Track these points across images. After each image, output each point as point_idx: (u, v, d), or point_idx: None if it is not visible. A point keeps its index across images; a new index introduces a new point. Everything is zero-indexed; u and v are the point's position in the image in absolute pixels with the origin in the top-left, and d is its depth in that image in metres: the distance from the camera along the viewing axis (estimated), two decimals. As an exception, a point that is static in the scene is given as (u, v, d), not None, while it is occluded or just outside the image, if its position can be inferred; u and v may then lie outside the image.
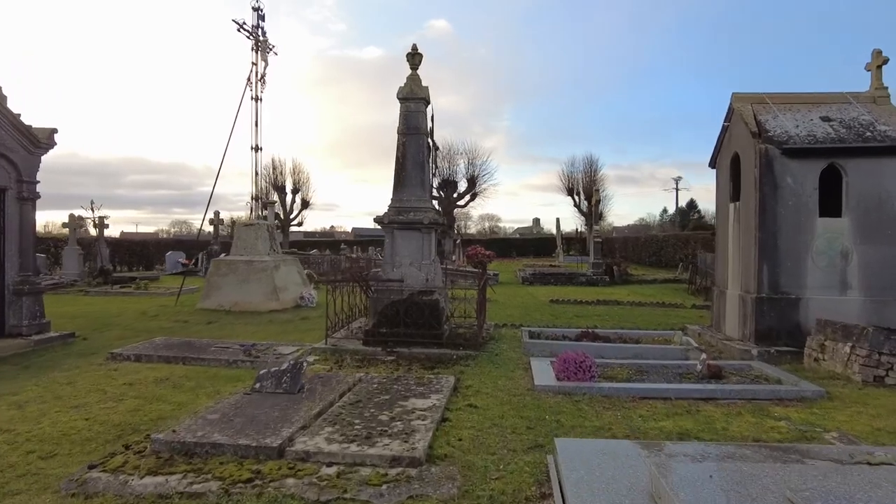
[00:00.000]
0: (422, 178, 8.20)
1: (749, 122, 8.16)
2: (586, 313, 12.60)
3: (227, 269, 13.06)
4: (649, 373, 6.45)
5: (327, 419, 4.51)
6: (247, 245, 13.45)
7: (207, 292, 13.11)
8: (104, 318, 11.65)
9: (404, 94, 8.23)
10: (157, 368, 7.16)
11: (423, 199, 8.21)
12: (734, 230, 8.77)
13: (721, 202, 9.48)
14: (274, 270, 12.95)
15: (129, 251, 30.99)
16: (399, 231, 8.10)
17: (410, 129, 8.21)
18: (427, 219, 7.97)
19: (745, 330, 8.14)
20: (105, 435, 4.53)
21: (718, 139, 9.39)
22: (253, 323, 11.29)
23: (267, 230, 13.75)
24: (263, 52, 14.14)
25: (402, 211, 8.11)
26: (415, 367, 6.82)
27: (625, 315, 12.38)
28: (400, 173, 8.23)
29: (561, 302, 14.54)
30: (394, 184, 8.26)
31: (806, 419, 4.81)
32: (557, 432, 4.44)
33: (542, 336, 8.19)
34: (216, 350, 8.10)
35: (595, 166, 46.46)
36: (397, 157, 8.25)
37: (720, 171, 9.50)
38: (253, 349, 8.13)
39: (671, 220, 69.52)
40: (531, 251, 49.04)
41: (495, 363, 7.00)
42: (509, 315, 12.14)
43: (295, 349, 8.15)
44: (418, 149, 8.19)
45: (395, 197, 8.24)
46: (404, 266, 8.02)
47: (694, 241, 24.86)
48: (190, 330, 10.44)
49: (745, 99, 8.66)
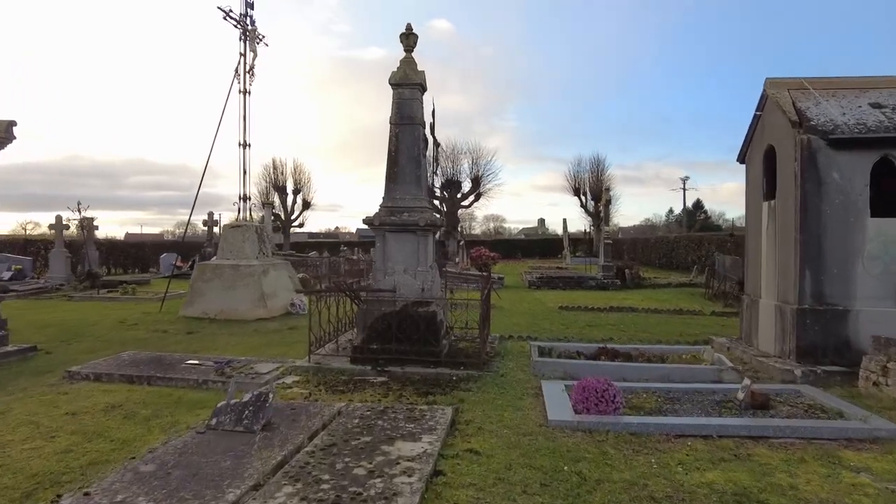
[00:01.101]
0: (417, 173, 7.27)
1: (787, 110, 7.20)
2: (599, 321, 11.65)
3: (212, 274, 12.18)
4: (681, 400, 5.50)
5: (289, 473, 3.58)
6: (233, 248, 12.56)
7: (191, 299, 12.23)
8: (78, 328, 10.78)
9: (397, 80, 7.30)
10: (114, 391, 6.26)
11: (419, 198, 7.28)
12: (769, 232, 7.80)
13: (752, 201, 8.51)
14: (262, 276, 12.05)
15: (124, 253, 30.19)
16: (391, 234, 7.18)
17: (404, 118, 7.28)
18: (423, 220, 7.05)
19: (783, 345, 7.18)
20: (11, 492, 3.62)
21: (749, 131, 8.43)
22: (237, 333, 10.39)
23: (256, 232, 12.86)
24: (252, 42, 13.26)
25: (395, 211, 7.18)
26: (407, 392, 5.89)
27: (641, 324, 11.41)
28: (392, 169, 7.30)
29: (571, 308, 13.58)
30: (385, 181, 7.33)
31: (893, 471, 3.84)
32: (579, 491, 3.50)
33: (554, 353, 7.24)
34: (186, 368, 7.20)
35: (602, 166, 45.54)
36: (389, 151, 7.33)
37: (751, 167, 8.53)
38: (228, 367, 7.22)
39: (678, 221, 68.42)
40: (536, 252, 48.06)
41: (501, 387, 6.06)
42: (515, 324, 11.20)
43: (275, 367, 7.24)
44: (413, 141, 7.27)
45: (386, 195, 7.32)
46: (397, 273, 7.10)
47: (708, 243, 23.85)
48: (167, 341, 9.56)
49: (780, 85, 7.69)
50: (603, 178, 45.26)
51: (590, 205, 45.89)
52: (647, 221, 75.53)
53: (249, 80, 13.17)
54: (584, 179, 46.10)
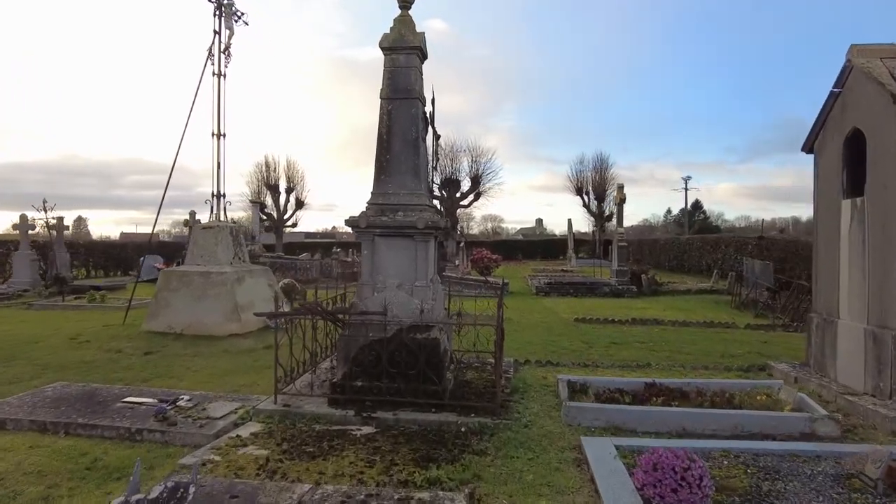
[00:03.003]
0: (415, 162, 5.71)
1: (886, 82, 5.66)
2: (624, 338, 10.10)
3: (180, 282, 10.59)
4: (780, 472, 3.96)
5: None
6: (205, 252, 10.98)
7: (155, 310, 10.64)
8: (16, 346, 9.19)
9: (390, 43, 5.73)
10: (11, 448, 4.71)
11: (418, 193, 5.72)
12: (852, 236, 6.26)
13: (824, 198, 6.97)
14: (235, 284, 10.47)
15: (105, 255, 28.54)
16: (382, 239, 5.62)
17: (399, 90, 5.72)
18: (422, 221, 5.49)
19: (878, 381, 5.64)
20: None
21: (821, 114, 6.89)
22: (203, 354, 8.82)
23: (231, 234, 11.27)
24: (228, 19, 11.67)
25: (387, 210, 5.62)
26: (401, 457, 4.33)
27: (672, 341, 9.87)
28: (383, 156, 5.73)
29: (588, 321, 12.03)
30: (375, 172, 5.77)
31: None
32: None
33: (589, 390, 5.68)
34: (121, 410, 5.64)
35: (606, 164, 44.11)
36: (380, 134, 5.76)
37: (823, 157, 6.99)
38: (174, 407, 5.67)
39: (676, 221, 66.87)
40: (538, 253, 46.48)
41: (528, 448, 4.50)
42: (528, 342, 9.64)
43: (234, 407, 5.68)
44: (410, 120, 5.70)
45: (376, 190, 5.75)
46: (389, 289, 5.53)
47: (725, 245, 22.33)
48: (117, 365, 8.00)
49: (872, 52, 6.15)
50: (607, 176, 43.81)
51: (593, 204, 44.42)
52: (646, 222, 74.12)
53: (225, 61, 11.59)
54: (586, 178, 44.67)
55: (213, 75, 11.42)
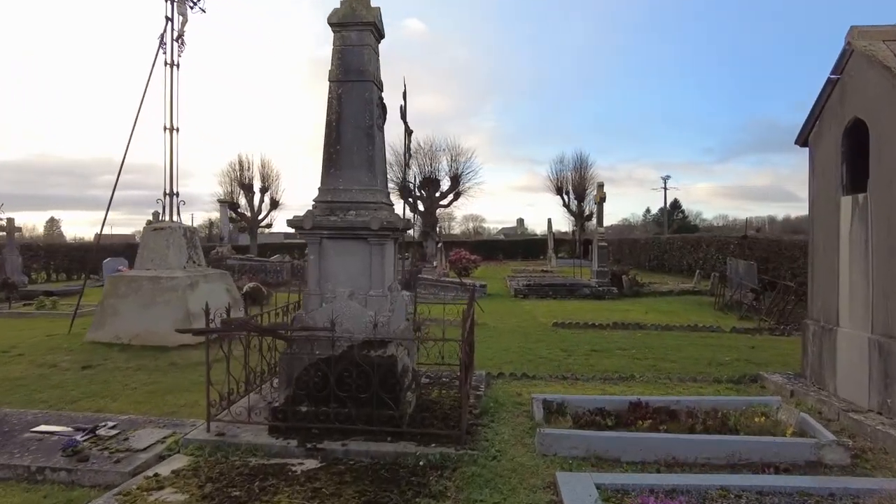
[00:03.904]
0: (369, 153, 5.00)
1: (894, 66, 5.11)
2: (605, 344, 9.52)
3: (128, 288, 9.75)
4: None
5: None
6: (155, 255, 10.14)
7: (101, 319, 9.79)
8: (-63, 362, 8.29)
9: (340, 18, 5.01)
10: None
11: (372, 189, 5.02)
12: (853, 236, 5.71)
13: (821, 195, 6.42)
14: (188, 290, 9.65)
15: (67, 257, 27.32)
16: (331, 242, 4.91)
17: (350, 71, 5.01)
18: (377, 221, 4.79)
19: (887, 398, 5.08)
20: None
21: (817, 104, 6.34)
22: (147, 368, 8.04)
23: (184, 235, 10.45)
24: (181, 5, 10.84)
25: (336, 208, 4.91)
26: (343, 502, 3.63)
27: (656, 346, 9.31)
28: (333, 147, 5.02)
29: (567, 325, 11.43)
30: (323, 165, 5.04)
31: None
32: None
33: (567, 411, 5.03)
34: (26, 441, 4.87)
35: (586, 164, 43.92)
36: (328, 121, 5.04)
37: (819, 150, 6.45)
38: (91, 437, 4.90)
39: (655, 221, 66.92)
40: (519, 253, 45.99)
41: (494, 487, 3.83)
42: (504, 349, 9.01)
43: (163, 436, 4.94)
44: (363, 105, 5.00)
45: (324, 186, 5.04)
46: (339, 300, 4.83)
47: (707, 244, 21.97)
48: (47, 383, 7.18)
49: (874, 34, 5.59)
50: (587, 175, 43.57)
51: (573, 204, 44.09)
52: (625, 221, 74.30)
53: (178, 49, 10.76)
54: (566, 178, 44.41)
55: (166, 65, 10.59)
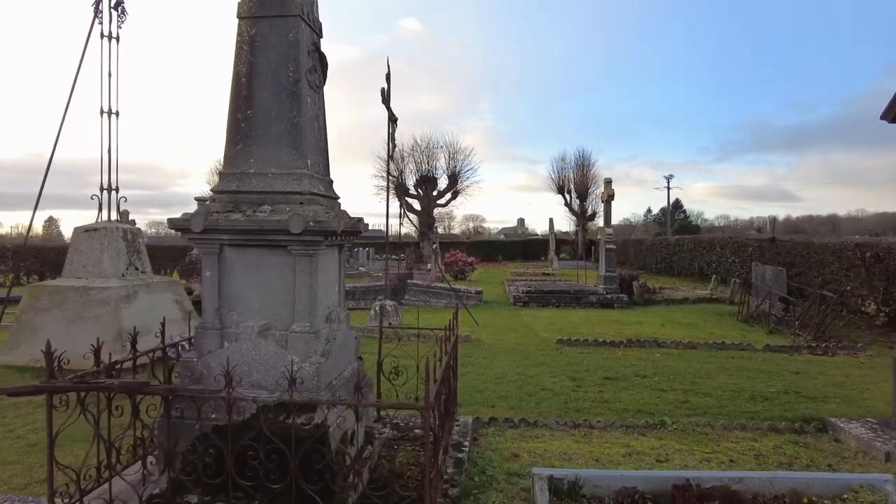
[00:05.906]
0: (294, 122, 3.42)
1: None
2: (619, 369, 7.93)
3: (50, 300, 8.17)
4: None
5: None
6: (87, 262, 8.56)
7: (17, 337, 8.22)
8: None
9: (253, -76, 3.44)
10: None
11: (298, 174, 3.43)
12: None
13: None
14: (122, 303, 8.08)
15: (38, 258, 25.81)
16: (236, 251, 3.34)
17: (268, 3, 3.42)
18: (299, 220, 3.19)
19: None
20: None
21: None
22: (54, 402, 6.42)
23: (124, 238, 8.86)
24: (123, -33, 9.24)
25: (242, 201, 3.33)
26: None
27: (680, 372, 7.73)
28: (240, 112, 3.44)
29: (574, 343, 9.84)
30: (226, 138, 3.46)
31: None
32: None
33: (583, 494, 3.46)
34: None
35: (588, 162, 42.44)
36: (236, 75, 3.45)
37: (913, 127, 4.88)
38: None
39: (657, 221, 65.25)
40: (518, 254, 44.45)
41: None
42: (499, 377, 7.43)
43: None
44: (286, 53, 3.42)
45: (227, 169, 3.45)
46: (246, 338, 3.24)
47: (721, 246, 20.35)
48: (-87, 425, 5.60)
49: None
50: (590, 174, 42.06)
51: (575, 203, 42.52)
52: (626, 221, 72.85)
53: (118, 19, 9.17)
54: (568, 176, 42.92)
55: (102, 37, 9.00)
